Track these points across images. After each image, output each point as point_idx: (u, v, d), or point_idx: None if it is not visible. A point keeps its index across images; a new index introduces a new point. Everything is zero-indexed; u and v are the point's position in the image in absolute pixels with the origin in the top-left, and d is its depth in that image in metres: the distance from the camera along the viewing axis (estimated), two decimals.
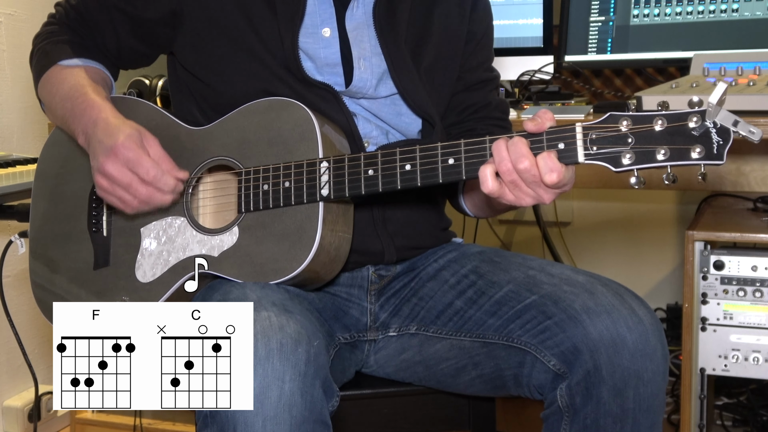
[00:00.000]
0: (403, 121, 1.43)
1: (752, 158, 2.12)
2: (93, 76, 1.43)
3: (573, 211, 2.82)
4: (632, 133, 1.10)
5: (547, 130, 1.14)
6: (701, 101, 1.08)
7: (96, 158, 1.28)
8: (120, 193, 1.27)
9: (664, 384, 1.25)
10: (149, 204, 1.28)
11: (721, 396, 2.31)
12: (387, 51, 1.40)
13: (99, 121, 1.30)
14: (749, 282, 1.79)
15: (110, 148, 1.25)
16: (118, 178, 1.25)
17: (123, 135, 1.25)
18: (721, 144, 1.07)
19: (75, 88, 1.39)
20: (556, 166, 1.12)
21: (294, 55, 1.35)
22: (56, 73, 1.43)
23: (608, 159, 1.11)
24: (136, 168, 1.25)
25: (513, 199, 1.16)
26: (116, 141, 1.25)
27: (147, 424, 2.40)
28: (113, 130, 1.27)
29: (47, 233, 1.47)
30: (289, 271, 1.27)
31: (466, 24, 1.50)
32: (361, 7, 1.41)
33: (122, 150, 1.25)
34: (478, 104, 1.52)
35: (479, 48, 1.53)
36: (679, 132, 1.08)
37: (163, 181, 1.26)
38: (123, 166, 1.25)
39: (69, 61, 1.43)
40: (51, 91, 1.43)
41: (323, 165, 1.26)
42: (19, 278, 2.32)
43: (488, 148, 1.16)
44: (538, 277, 1.33)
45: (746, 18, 2.04)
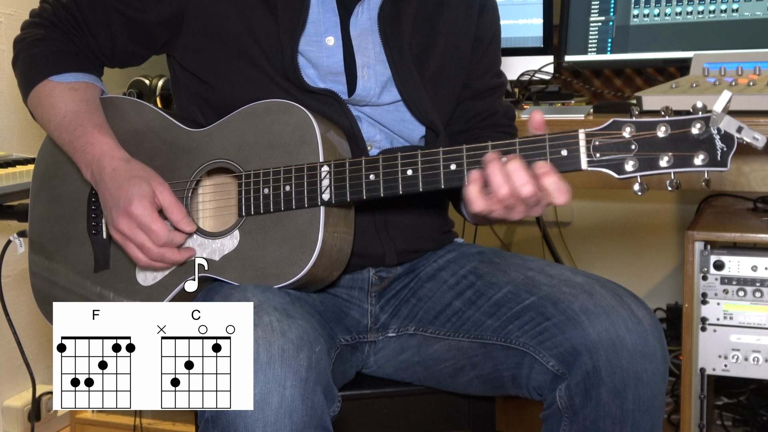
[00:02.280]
0: (406, 128, 1.43)
1: (752, 158, 2.12)
2: (85, 96, 1.38)
3: (573, 211, 2.82)
4: (635, 139, 1.09)
5: (550, 136, 1.13)
6: (705, 107, 1.07)
7: (109, 212, 1.30)
8: (133, 250, 1.29)
9: (664, 385, 1.25)
10: (163, 262, 1.29)
11: (721, 396, 2.30)
12: (391, 58, 1.39)
13: (105, 167, 1.30)
14: (749, 282, 1.78)
15: (123, 209, 1.27)
16: (131, 238, 1.28)
17: (136, 195, 1.27)
18: (725, 151, 1.06)
19: (69, 118, 1.35)
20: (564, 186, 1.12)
21: (293, 65, 1.34)
22: (47, 93, 1.38)
23: (611, 166, 1.11)
24: (149, 233, 1.27)
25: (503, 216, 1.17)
26: (129, 202, 1.26)
27: (147, 424, 2.40)
28: (124, 184, 1.28)
29: (46, 234, 1.46)
30: (290, 276, 1.26)
31: (473, 30, 1.48)
32: (366, 13, 1.39)
33: (135, 212, 1.26)
34: (485, 112, 1.51)
35: (487, 54, 1.51)
36: (682, 138, 1.08)
37: (175, 242, 1.29)
38: (136, 228, 1.27)
39: (59, 77, 1.38)
40: (44, 114, 1.39)
41: (324, 169, 1.26)
42: (18, 278, 2.32)
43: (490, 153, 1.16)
44: (537, 278, 1.33)
45: (746, 18, 2.04)
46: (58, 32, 1.40)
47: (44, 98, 1.38)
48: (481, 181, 1.15)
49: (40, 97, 1.39)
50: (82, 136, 1.33)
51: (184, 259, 1.30)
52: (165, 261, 1.29)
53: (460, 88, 1.49)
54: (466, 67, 1.48)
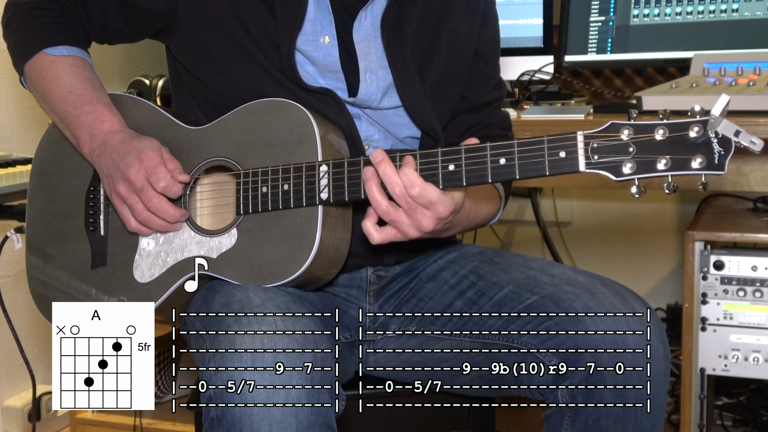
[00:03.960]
0: (404, 133, 1.43)
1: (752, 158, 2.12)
2: (87, 75, 1.41)
3: (573, 211, 2.82)
4: (633, 142, 1.10)
5: (548, 137, 1.14)
6: (703, 110, 1.08)
7: (117, 166, 1.31)
8: (132, 199, 1.31)
9: (666, 384, 1.25)
10: (158, 214, 1.30)
11: (721, 396, 2.30)
12: (393, 64, 1.38)
13: (114, 137, 1.34)
14: (749, 282, 1.78)
15: (136, 156, 1.29)
16: (134, 182, 1.29)
17: (147, 146, 1.30)
18: (723, 154, 1.07)
19: (77, 93, 1.37)
20: (417, 180, 1.16)
21: (291, 63, 1.34)
22: (47, 66, 1.40)
23: (609, 168, 1.11)
24: (151, 175, 1.28)
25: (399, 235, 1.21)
26: (141, 151, 1.29)
27: (147, 424, 2.40)
28: (133, 141, 1.32)
29: (44, 231, 1.46)
30: (288, 274, 1.26)
31: (474, 43, 1.48)
32: (369, 18, 1.39)
33: (146, 157, 1.29)
34: (479, 125, 1.51)
35: (486, 68, 1.51)
36: (680, 142, 1.08)
37: (173, 190, 1.30)
38: (142, 171, 1.29)
39: (55, 49, 1.40)
40: (45, 85, 1.40)
41: (323, 168, 1.26)
42: (18, 278, 2.32)
43: (489, 155, 1.16)
44: (538, 278, 1.33)
45: (746, 18, 2.04)
46: (53, 4, 1.41)
47: (45, 70, 1.40)
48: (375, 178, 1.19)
49: (39, 68, 1.41)
50: (91, 112, 1.36)
51: (177, 216, 1.31)
52: (160, 213, 1.30)
53: (458, 99, 1.48)
54: (465, 79, 1.48)
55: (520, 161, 1.15)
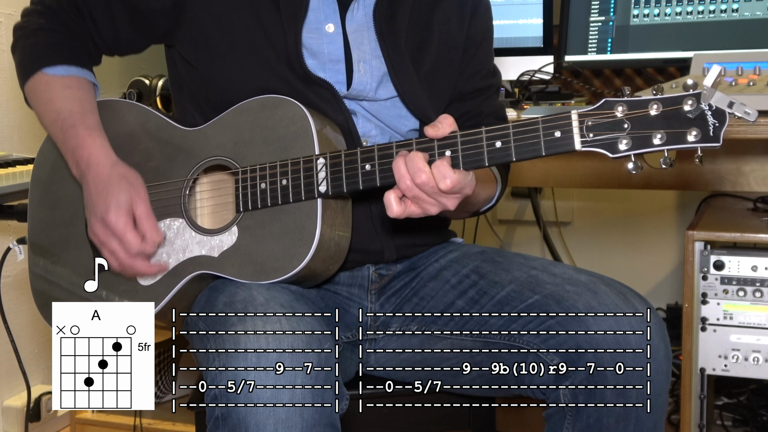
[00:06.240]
0: (402, 124, 1.43)
1: (752, 158, 2.12)
2: (79, 95, 1.39)
3: (573, 211, 2.82)
4: (628, 118, 1.10)
5: (543, 118, 1.14)
6: (696, 84, 1.08)
7: (89, 216, 1.34)
8: (107, 255, 1.33)
9: (667, 383, 1.26)
10: (133, 270, 1.32)
11: (721, 396, 2.30)
12: (387, 54, 1.39)
13: (89, 172, 1.33)
14: (749, 282, 1.78)
15: (100, 217, 1.31)
16: (106, 244, 1.32)
17: (113, 205, 1.30)
18: (717, 126, 1.07)
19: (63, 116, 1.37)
20: (449, 172, 1.14)
21: (297, 51, 1.34)
22: (44, 88, 1.39)
23: (605, 145, 1.11)
24: (122, 242, 1.30)
25: (419, 211, 1.18)
26: (107, 211, 1.30)
27: (147, 424, 2.40)
28: (102, 191, 1.32)
29: (46, 239, 1.46)
30: (289, 269, 1.26)
31: (465, 30, 1.48)
32: (362, 9, 1.40)
33: (110, 222, 1.30)
34: (471, 113, 1.51)
35: (477, 55, 1.51)
36: (674, 116, 1.08)
37: (146, 252, 1.31)
38: (111, 235, 1.31)
39: (53, 69, 1.38)
40: (39, 107, 1.41)
41: (320, 161, 1.26)
42: (18, 279, 2.32)
43: (484, 139, 1.16)
44: (540, 277, 1.33)
45: (746, 18, 2.04)
46: (58, 21, 1.40)
47: (41, 92, 1.40)
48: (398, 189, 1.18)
49: (36, 89, 1.41)
50: (73, 137, 1.35)
51: (154, 272, 1.33)
52: (135, 270, 1.32)
53: (452, 88, 1.49)
54: (458, 68, 1.48)
55: (515, 143, 1.15)
